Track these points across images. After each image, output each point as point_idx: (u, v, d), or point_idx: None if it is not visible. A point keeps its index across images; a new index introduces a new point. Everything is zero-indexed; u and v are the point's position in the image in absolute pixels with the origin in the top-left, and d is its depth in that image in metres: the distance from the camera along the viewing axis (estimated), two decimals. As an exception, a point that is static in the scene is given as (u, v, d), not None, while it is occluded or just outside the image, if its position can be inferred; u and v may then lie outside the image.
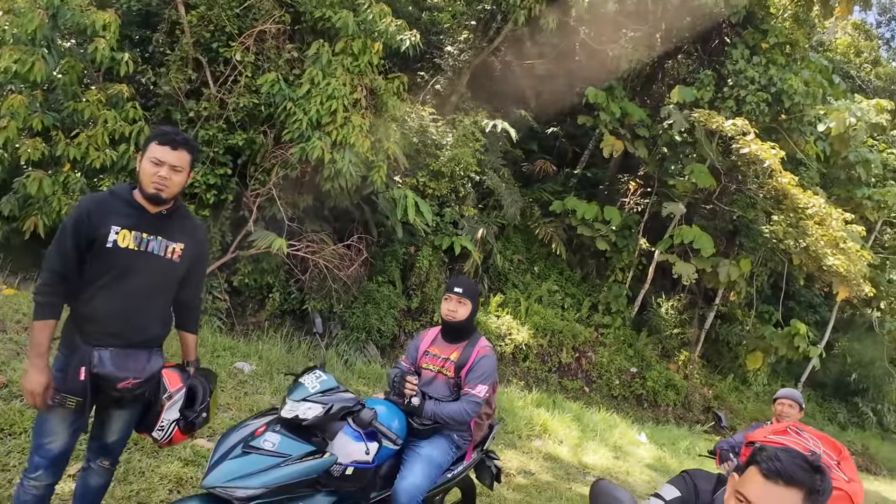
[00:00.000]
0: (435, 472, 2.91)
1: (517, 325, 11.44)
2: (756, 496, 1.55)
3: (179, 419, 2.46)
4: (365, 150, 7.71)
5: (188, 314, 2.64)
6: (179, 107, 7.36)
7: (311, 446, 2.34)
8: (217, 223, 7.80)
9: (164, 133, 2.34)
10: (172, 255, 2.38)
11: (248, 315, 8.58)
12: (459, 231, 10.98)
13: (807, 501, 1.51)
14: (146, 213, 2.34)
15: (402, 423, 2.91)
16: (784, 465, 1.53)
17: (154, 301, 2.39)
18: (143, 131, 6.75)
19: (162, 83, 7.20)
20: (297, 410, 2.36)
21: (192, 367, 2.66)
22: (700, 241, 11.93)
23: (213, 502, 2.20)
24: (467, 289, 3.10)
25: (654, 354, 12.71)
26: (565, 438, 7.38)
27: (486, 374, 3.05)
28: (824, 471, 1.56)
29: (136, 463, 3.53)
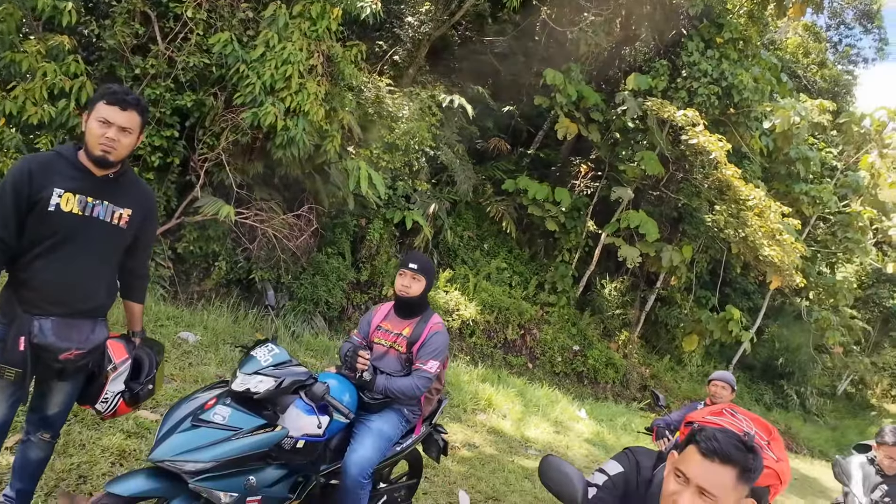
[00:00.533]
0: (385, 445, 2.94)
1: (465, 301, 11.56)
2: (694, 473, 1.63)
3: (124, 391, 2.38)
4: (319, 119, 7.53)
5: (134, 283, 2.54)
6: (124, 62, 6.99)
7: (263, 420, 2.32)
8: (162, 187, 7.51)
9: (114, 92, 2.21)
10: (119, 220, 2.27)
11: (192, 283, 8.35)
12: (412, 205, 10.95)
13: (740, 478, 1.61)
14: (92, 176, 2.22)
15: (353, 396, 2.91)
16: (721, 444, 1.62)
17: (98, 269, 2.29)
18: (84, 87, 6.38)
19: (107, 36, 6.79)
20: (248, 384, 2.33)
21: (138, 338, 2.57)
22: (645, 226, 12.27)
23: (161, 476, 2.15)
24: (422, 265, 3.10)
25: (596, 333, 13.10)
26: (509, 413, 7.55)
27: (438, 350, 3.08)
28: (757, 451, 1.66)
29: (77, 435, 3.42)
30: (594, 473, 1.97)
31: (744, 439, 1.66)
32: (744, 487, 1.63)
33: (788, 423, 15.85)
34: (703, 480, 1.61)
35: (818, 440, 15.79)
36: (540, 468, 1.92)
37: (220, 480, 2.17)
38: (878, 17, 23.69)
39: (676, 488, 1.66)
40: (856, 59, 24.75)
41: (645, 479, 1.91)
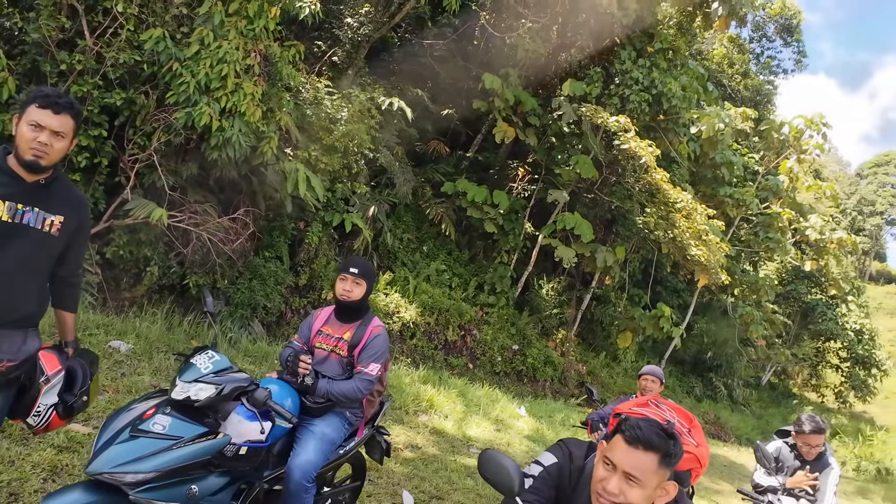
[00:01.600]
0: (328, 448, 2.95)
1: (405, 303, 11.59)
2: (619, 460, 1.78)
3: (58, 403, 2.29)
4: (256, 120, 7.41)
5: (66, 291, 2.45)
6: (49, 57, 6.65)
7: (204, 427, 2.29)
8: (89, 189, 7.19)
9: (46, 95, 2.13)
10: (51, 228, 2.19)
11: (122, 290, 8.03)
12: (351, 208, 10.90)
13: (662, 463, 1.76)
14: (22, 181, 2.13)
15: (295, 401, 2.91)
16: (643, 432, 1.77)
17: (29, 277, 2.19)
18: (6, 83, 6.05)
19: (30, 29, 6.44)
20: (188, 392, 2.29)
21: (71, 348, 2.48)
22: (581, 227, 12.63)
23: (99, 489, 2.08)
24: (363, 269, 3.12)
25: (534, 333, 13.37)
26: (450, 413, 7.63)
27: (379, 353, 3.11)
28: (677, 437, 1.81)
29: (5, 451, 3.25)
30: (530, 465, 2.09)
31: (665, 427, 1.81)
32: (666, 471, 1.78)
33: (717, 413, 16.67)
34: (628, 466, 1.75)
35: (745, 428, 16.67)
36: (479, 462, 2.02)
37: (161, 491, 2.12)
38: (797, 31, 25.27)
39: (604, 474, 1.80)
40: (776, 69, 26.36)
41: (577, 468, 2.04)
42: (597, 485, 1.81)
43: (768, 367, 21.87)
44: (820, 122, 16.22)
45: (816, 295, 22.02)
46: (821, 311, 21.86)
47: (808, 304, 21.91)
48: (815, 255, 18.69)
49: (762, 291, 17.26)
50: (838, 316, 22.30)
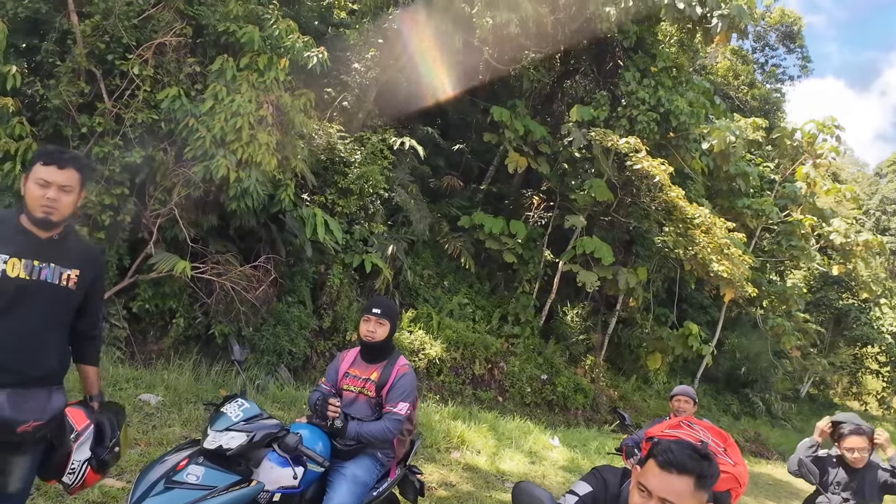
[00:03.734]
0: (361, 490, 2.92)
1: (430, 339, 11.53)
2: (654, 485, 1.72)
3: (91, 458, 2.29)
4: (272, 169, 7.57)
5: (88, 345, 2.46)
6: (71, 122, 6.91)
7: (237, 476, 2.29)
8: (114, 246, 7.36)
9: (49, 153, 2.19)
10: (68, 282, 2.21)
11: (149, 343, 8.13)
12: (370, 248, 10.96)
13: (698, 486, 1.71)
14: (36, 238, 2.16)
15: (326, 445, 2.90)
16: (676, 455, 1.72)
17: (49, 333, 2.21)
18: (30, 148, 6.26)
19: (51, 96, 6.72)
20: (220, 441, 2.30)
21: (97, 402, 2.48)
22: (600, 250, 12.57)
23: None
24: (385, 309, 3.14)
25: (562, 361, 13.20)
26: (482, 448, 7.52)
27: (407, 392, 3.10)
28: (711, 458, 1.77)
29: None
30: (565, 495, 2.05)
31: (698, 448, 1.77)
32: (703, 494, 1.73)
33: (757, 430, 16.18)
34: (663, 491, 1.70)
35: (788, 444, 16.11)
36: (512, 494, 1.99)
37: (196, 542, 2.12)
38: (799, 37, 25.27)
39: (640, 501, 1.74)
40: (782, 77, 26.30)
41: (613, 496, 1.99)
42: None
43: (805, 379, 21.26)
44: (832, 124, 16.06)
45: (848, 300, 21.48)
46: (854, 317, 21.28)
47: (841, 310, 21.35)
48: (841, 259, 18.26)
49: (791, 301, 16.90)
50: (873, 320, 21.67)
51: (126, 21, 7.00)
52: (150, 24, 7.29)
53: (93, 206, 6.80)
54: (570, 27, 12.11)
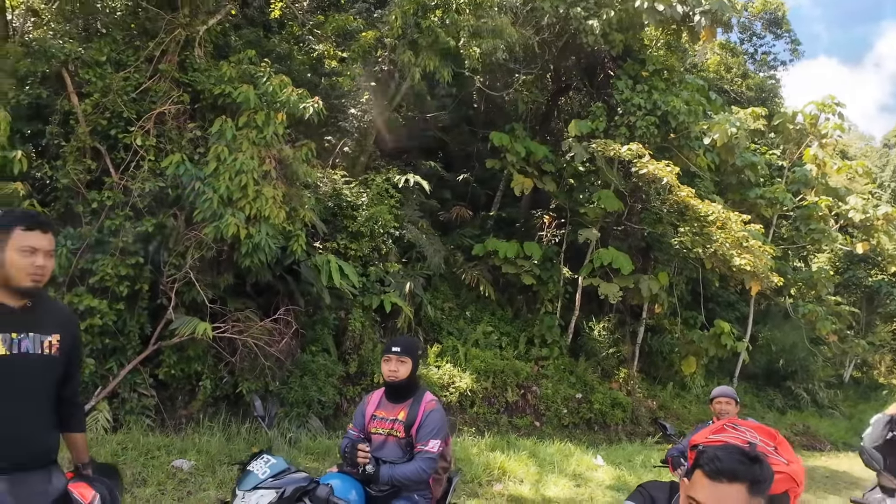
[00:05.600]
0: (401, 535, 2.83)
1: (458, 372, 11.40)
2: (705, 498, 1.62)
3: None
4: (281, 221, 7.63)
5: (72, 412, 2.35)
6: (81, 199, 7.06)
7: (270, 535, 2.23)
8: (133, 316, 7.42)
9: (30, 216, 2.10)
10: (51, 349, 2.11)
11: (178, 408, 8.11)
12: (387, 288, 10.95)
13: (752, 492, 1.60)
14: (8, 309, 2.06)
15: (359, 493, 2.83)
16: (724, 463, 1.61)
17: (39, 410, 2.11)
18: (43, 231, 6.41)
19: (59, 176, 6.88)
20: (250, 502, 2.25)
21: (89, 469, 2.39)
22: (618, 261, 12.44)
23: None
24: (405, 347, 3.10)
25: (595, 377, 12.97)
26: (525, 477, 7.35)
27: (437, 429, 3.03)
28: (762, 460, 1.67)
29: None
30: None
31: (747, 452, 1.67)
32: (758, 499, 1.62)
33: (805, 423, 15.69)
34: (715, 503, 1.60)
35: (838, 432, 15.61)
36: None
37: None
38: (785, 22, 25.21)
39: None
40: (774, 63, 26.14)
41: None
42: None
43: (847, 363, 20.63)
44: (832, 103, 15.90)
45: (877, 276, 20.89)
46: (886, 292, 20.69)
47: (871, 288, 20.77)
48: (864, 235, 17.82)
49: (820, 285, 16.50)
50: (905, 292, 21.06)
51: (124, 96, 7.19)
52: (148, 96, 7.48)
53: (109, 278, 6.89)
54: (556, 45, 12.25)
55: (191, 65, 7.78)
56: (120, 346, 7.28)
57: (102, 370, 7.12)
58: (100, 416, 6.67)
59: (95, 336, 6.90)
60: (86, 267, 6.90)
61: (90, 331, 6.79)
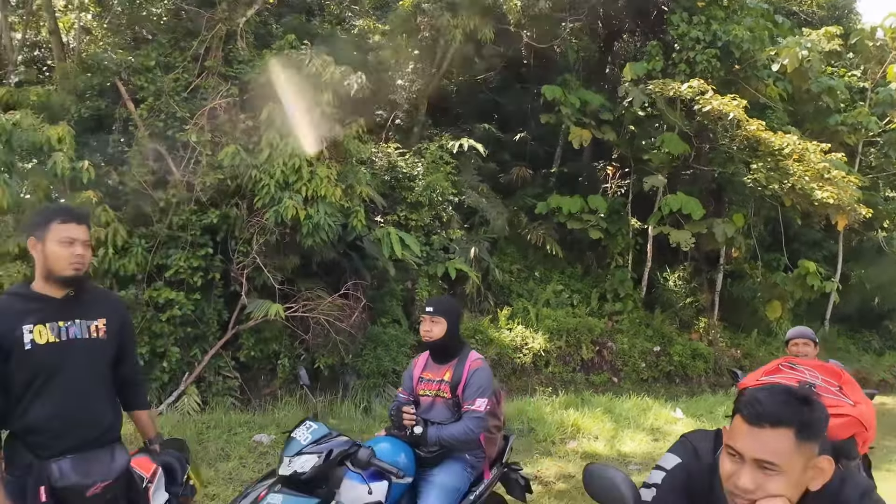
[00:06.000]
0: (452, 497, 2.86)
1: (531, 333, 11.37)
2: (744, 447, 1.42)
3: (170, 499, 2.36)
4: (338, 199, 7.76)
5: (134, 391, 2.49)
6: (148, 199, 7.44)
7: (315, 498, 2.32)
8: (210, 304, 7.82)
9: (65, 210, 2.21)
10: (98, 333, 2.24)
11: (262, 387, 8.52)
12: (451, 255, 11.00)
13: (800, 437, 1.39)
14: (53, 301, 2.18)
15: (409, 455, 2.87)
16: (765, 406, 1.41)
17: (96, 389, 2.24)
18: (117, 232, 6.81)
19: (126, 180, 7.28)
20: (293, 466, 2.34)
21: (157, 444, 2.52)
22: (688, 206, 11.92)
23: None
24: (438, 306, 3.09)
25: (672, 329, 12.61)
26: (600, 433, 7.28)
27: (483, 387, 3.01)
28: (813, 400, 1.45)
29: None
30: (651, 472, 1.77)
31: (794, 391, 1.46)
32: (810, 446, 1.41)
33: (906, 363, 14.66)
34: (757, 451, 1.40)
35: (943, 372, 14.49)
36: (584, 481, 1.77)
37: (284, 569, 2.16)
38: (852, -73, 22.77)
39: (732, 468, 1.45)
40: (846, -25, 23.71)
41: (707, 466, 1.69)
42: (727, 483, 1.46)
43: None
44: (916, 13, 14.35)
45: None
46: None
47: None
48: (961, 153, 16.12)
49: (915, 215, 15.18)
50: None
51: (176, 96, 7.47)
52: (198, 94, 7.74)
53: (183, 271, 7.27)
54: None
55: (235, 58, 7.98)
56: (201, 333, 7.69)
57: (188, 357, 7.56)
58: (189, 399, 7.12)
59: (177, 326, 7.32)
60: (160, 262, 7.31)
61: (172, 321, 7.23)
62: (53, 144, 6.32)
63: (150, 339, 7.16)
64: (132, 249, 7.10)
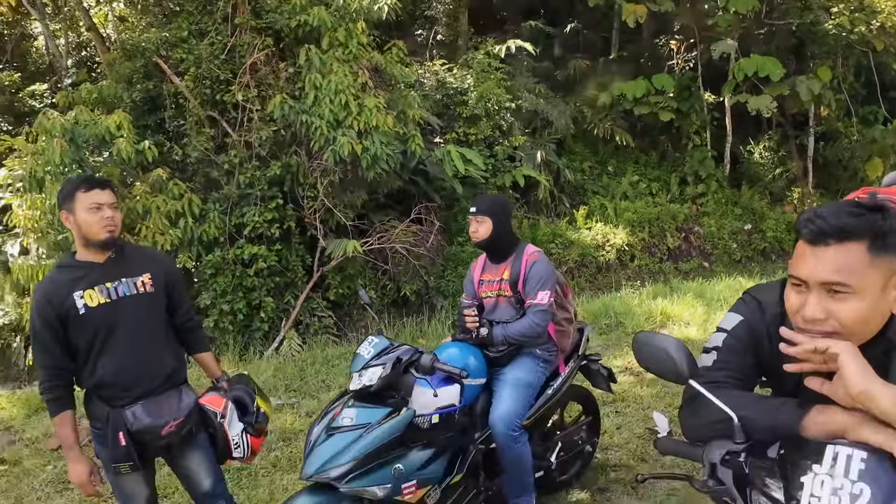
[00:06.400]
0: (525, 393, 2.90)
1: (611, 229, 11.13)
2: (809, 272, 1.21)
3: (245, 428, 2.54)
4: (392, 127, 7.71)
5: (192, 335, 2.63)
6: (213, 165, 7.72)
7: (388, 408, 2.41)
8: (292, 252, 8.15)
9: (85, 179, 2.31)
10: (145, 287, 2.36)
11: (355, 320, 8.91)
12: (517, 163, 10.80)
13: (874, 249, 1.18)
14: (97, 265, 2.30)
15: (478, 357, 2.92)
16: (828, 220, 1.19)
17: (155, 339, 2.38)
18: (193, 201, 7.13)
19: (189, 151, 7.56)
20: (362, 380, 2.43)
21: (224, 382, 2.67)
22: (765, 67, 10.95)
23: (320, 491, 2.33)
24: (481, 205, 3.02)
25: (763, 204, 11.96)
26: (690, 319, 7.11)
27: (543, 280, 2.95)
28: (887, 207, 1.23)
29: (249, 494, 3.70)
30: (713, 334, 1.60)
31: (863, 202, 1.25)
32: (888, 260, 1.19)
33: None
34: (822, 272, 1.19)
35: None
36: (634, 351, 1.61)
37: (367, 477, 2.29)
38: None
39: (798, 300, 1.25)
40: None
41: (774, 316, 1.50)
42: (795, 318, 1.28)
43: None
44: None
45: None
46: None
47: None
48: None
49: None
50: None
51: (215, 60, 7.56)
52: (236, 53, 7.78)
53: (259, 225, 7.57)
54: None
55: (262, 8, 7.91)
56: (290, 280, 8.07)
57: (282, 305, 7.99)
58: (290, 342, 7.57)
59: (266, 278, 7.70)
60: (237, 222, 7.63)
61: (260, 274, 7.61)
62: (114, 132, 6.55)
63: (244, 294, 7.59)
64: (209, 215, 7.45)
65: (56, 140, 6.09)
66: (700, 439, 1.47)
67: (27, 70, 11.76)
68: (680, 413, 1.55)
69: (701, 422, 1.46)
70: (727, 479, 1.34)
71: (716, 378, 1.47)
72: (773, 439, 1.35)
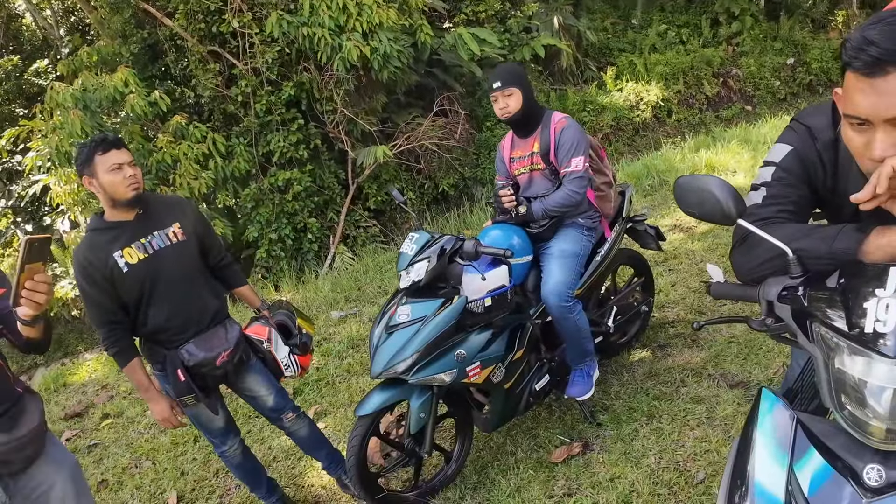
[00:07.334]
0: (573, 262, 2.87)
1: (644, 86, 10.65)
2: (871, 110, 1.05)
3: (291, 349, 2.70)
4: (396, 21, 7.37)
5: (227, 273, 2.73)
6: (227, 100, 7.60)
7: (440, 299, 2.45)
8: (325, 169, 8.14)
9: (100, 141, 2.32)
10: (177, 237, 2.44)
11: (400, 224, 8.97)
12: (535, 34, 10.26)
13: None
14: (128, 223, 2.37)
15: (521, 236, 2.89)
16: (881, 45, 1.01)
17: (194, 284, 2.49)
18: (216, 141, 7.10)
19: (201, 91, 7.44)
20: (410, 276, 2.47)
21: (265, 310, 2.80)
22: None
23: (391, 385, 2.46)
24: (504, 78, 2.82)
25: (804, 34, 11.11)
26: (737, 166, 6.85)
27: (574, 146, 2.83)
28: None
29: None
30: (759, 170, 1.49)
31: None
32: None
33: None
34: (887, 108, 1.03)
35: None
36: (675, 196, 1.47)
37: (431, 366, 2.38)
38: None
39: (861, 139, 1.11)
40: None
41: (826, 144, 1.38)
42: (863, 162, 1.14)
43: None
44: None
45: None
46: None
47: None
48: None
49: None
50: None
51: (203, -8, 7.23)
52: (222, -21, 7.42)
53: (286, 149, 7.54)
54: None
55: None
56: (328, 198, 8.13)
57: (326, 223, 8.10)
58: (342, 257, 7.72)
59: (305, 199, 7.76)
60: (264, 151, 7.62)
61: (298, 198, 7.67)
62: (122, 90, 6.48)
63: (288, 220, 7.70)
64: (235, 150, 7.44)
65: (72, 112, 6.08)
66: (755, 279, 1.40)
67: (25, 50, 11.67)
68: (731, 256, 1.48)
69: (755, 261, 1.39)
70: (786, 316, 1.28)
71: (766, 215, 1.38)
72: (833, 268, 1.27)
